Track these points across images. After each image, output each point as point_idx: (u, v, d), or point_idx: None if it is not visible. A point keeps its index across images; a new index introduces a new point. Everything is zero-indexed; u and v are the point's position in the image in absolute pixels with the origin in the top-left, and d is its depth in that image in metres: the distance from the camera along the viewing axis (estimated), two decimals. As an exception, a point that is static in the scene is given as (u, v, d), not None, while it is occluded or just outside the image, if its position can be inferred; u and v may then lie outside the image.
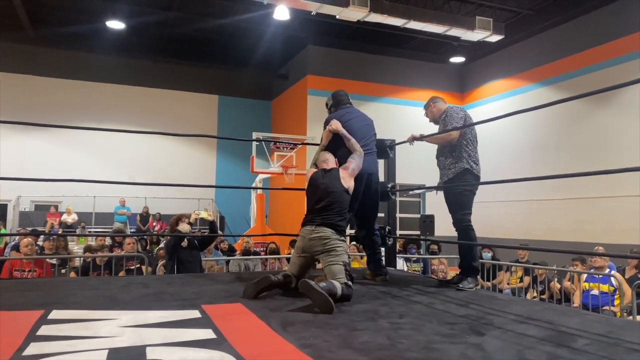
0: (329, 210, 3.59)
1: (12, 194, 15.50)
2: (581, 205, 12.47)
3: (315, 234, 3.51)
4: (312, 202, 3.71)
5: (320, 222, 3.54)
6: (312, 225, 3.56)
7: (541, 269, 7.30)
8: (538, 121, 13.71)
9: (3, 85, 16.04)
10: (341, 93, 4.41)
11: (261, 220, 13.24)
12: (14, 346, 2.09)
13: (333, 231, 3.51)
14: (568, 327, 2.66)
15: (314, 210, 3.66)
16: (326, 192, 3.67)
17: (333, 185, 3.70)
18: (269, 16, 12.97)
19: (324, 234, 3.49)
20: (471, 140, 4.12)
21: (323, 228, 3.51)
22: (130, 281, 4.15)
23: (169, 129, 16.79)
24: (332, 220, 3.55)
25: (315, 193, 3.73)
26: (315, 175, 3.84)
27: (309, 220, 3.62)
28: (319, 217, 3.58)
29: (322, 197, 3.66)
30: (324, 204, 3.62)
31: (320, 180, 3.77)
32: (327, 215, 3.57)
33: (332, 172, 3.81)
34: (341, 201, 3.66)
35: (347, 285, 3.27)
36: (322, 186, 3.71)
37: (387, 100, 16.32)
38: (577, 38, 13.07)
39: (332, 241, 3.47)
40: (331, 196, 3.64)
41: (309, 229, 3.57)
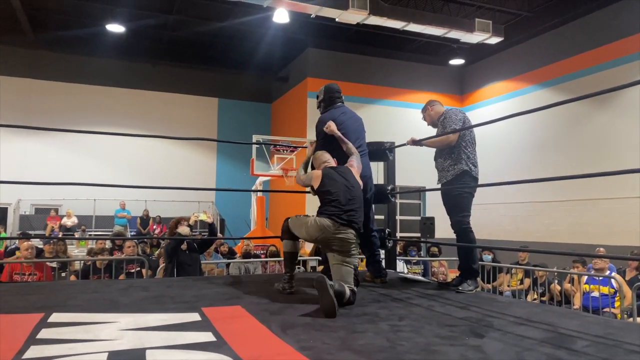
0: (354, 208, 3.49)
1: (13, 197, 15.50)
2: (581, 207, 12.47)
3: (341, 234, 3.40)
4: (335, 197, 3.49)
5: (347, 221, 3.42)
6: (337, 221, 3.40)
7: (541, 271, 7.30)
8: (538, 123, 13.72)
9: (3, 88, 16.07)
10: (335, 88, 4.33)
11: (261, 222, 13.23)
12: (14, 349, 2.10)
13: (355, 233, 3.46)
14: (567, 329, 2.67)
15: (339, 205, 3.46)
16: (349, 188, 3.55)
17: (354, 182, 3.63)
18: (269, 19, 12.99)
19: (346, 235, 3.41)
20: (470, 142, 4.12)
21: (348, 230, 3.42)
22: (130, 284, 4.16)
23: (169, 131, 16.83)
24: (357, 221, 3.48)
25: (338, 187, 3.53)
26: (329, 172, 3.67)
27: (334, 214, 3.42)
28: (345, 214, 3.43)
29: (345, 193, 3.51)
30: (348, 199, 3.49)
31: (338, 176, 3.62)
32: (352, 215, 3.46)
33: (342, 169, 3.72)
34: (362, 199, 3.61)
35: (353, 292, 3.26)
36: (343, 181, 3.58)
37: (387, 102, 16.34)
38: (576, 40, 13.09)
39: (351, 245, 3.43)
40: (354, 193, 3.55)
41: (331, 224, 3.39)
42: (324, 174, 3.66)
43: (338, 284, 3.11)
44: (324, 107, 4.33)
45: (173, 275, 5.66)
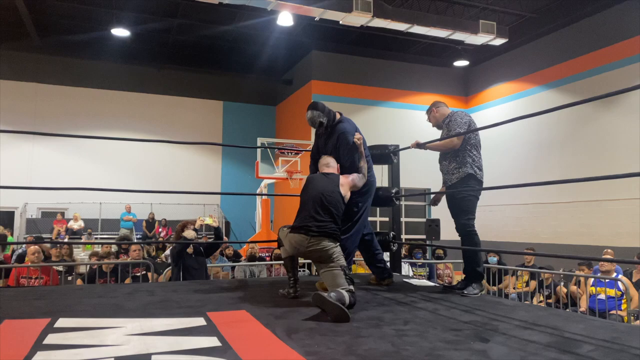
0: (322, 217, 3.44)
1: (19, 201, 15.61)
2: (587, 208, 12.42)
3: (312, 247, 3.38)
4: (307, 205, 3.54)
5: (317, 232, 3.39)
6: (307, 234, 3.40)
7: (547, 273, 7.27)
8: (543, 124, 13.67)
9: (10, 93, 16.19)
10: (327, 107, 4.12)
11: (266, 225, 13.26)
12: (21, 355, 2.12)
13: (329, 240, 3.40)
14: (573, 332, 2.66)
15: (306, 213, 3.49)
16: (321, 196, 3.53)
17: (330, 190, 3.58)
18: (273, 22, 13.03)
19: (319, 245, 3.37)
20: (475, 145, 4.11)
21: (319, 239, 3.38)
22: (136, 289, 4.17)
23: (174, 135, 16.89)
24: (327, 229, 3.42)
25: (311, 195, 3.58)
26: (312, 177, 3.78)
27: (303, 226, 3.43)
28: (314, 226, 3.41)
29: (316, 201, 3.51)
30: (317, 210, 3.47)
31: (317, 183, 3.66)
32: (323, 224, 3.42)
33: (331, 176, 3.74)
34: (337, 206, 3.54)
35: (351, 292, 3.24)
36: (319, 188, 3.59)
37: (391, 104, 16.33)
38: (581, 41, 13.04)
39: (329, 250, 3.38)
40: (326, 200, 3.51)
41: (302, 239, 3.40)
42: (307, 180, 3.76)
43: (334, 292, 3.09)
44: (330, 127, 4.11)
45: (179, 279, 5.67)
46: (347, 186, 3.72)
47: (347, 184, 3.73)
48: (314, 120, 4.03)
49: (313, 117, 4.02)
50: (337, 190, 3.61)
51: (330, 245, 3.39)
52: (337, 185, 3.64)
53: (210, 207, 17.20)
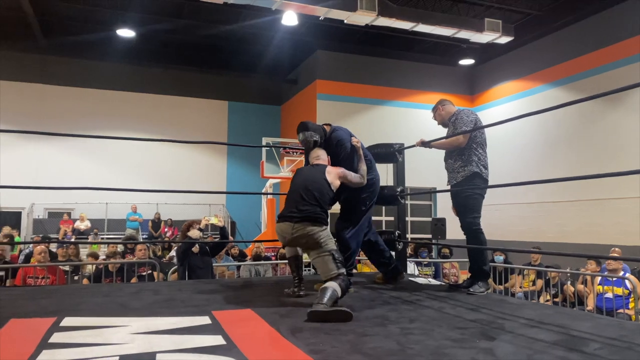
0: (307, 202, 3.45)
1: (26, 201, 15.68)
2: (593, 207, 12.34)
3: (297, 233, 3.38)
4: (291, 192, 3.60)
5: (299, 218, 3.39)
6: (291, 222, 3.41)
7: (554, 271, 7.23)
8: (549, 122, 13.60)
9: (16, 94, 16.27)
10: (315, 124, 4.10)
11: (272, 225, 13.25)
12: (27, 354, 2.12)
13: (313, 224, 3.38)
14: (580, 331, 2.64)
15: (292, 201, 3.53)
16: (305, 183, 3.57)
17: (314, 177, 3.62)
18: (278, 22, 13.02)
19: (304, 231, 3.36)
20: (481, 143, 4.09)
21: (303, 224, 3.37)
22: (141, 288, 4.18)
23: (179, 135, 16.91)
24: (311, 213, 3.40)
25: (296, 183, 3.65)
26: (300, 169, 3.84)
27: (288, 215, 3.46)
28: (297, 212, 3.42)
29: (300, 189, 3.55)
30: (302, 195, 3.49)
31: (304, 173, 3.74)
32: (306, 209, 3.42)
33: (319, 167, 3.76)
34: (321, 191, 3.52)
35: (342, 278, 3.21)
36: (303, 176, 3.67)
37: (397, 103, 16.29)
38: (587, 38, 12.96)
39: (314, 235, 3.35)
40: (310, 186, 3.53)
41: (287, 227, 3.42)
42: (294, 174, 3.80)
43: (325, 293, 2.99)
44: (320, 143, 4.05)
45: (184, 278, 5.69)
46: (335, 174, 3.68)
47: (335, 172, 3.71)
48: (308, 141, 3.96)
49: (306, 138, 3.95)
50: (323, 178, 3.60)
51: (315, 230, 3.37)
52: (323, 173, 3.64)
53: (215, 207, 17.21)
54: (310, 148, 3.99)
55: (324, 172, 3.64)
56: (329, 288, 3.06)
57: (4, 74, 16.12)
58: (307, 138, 3.95)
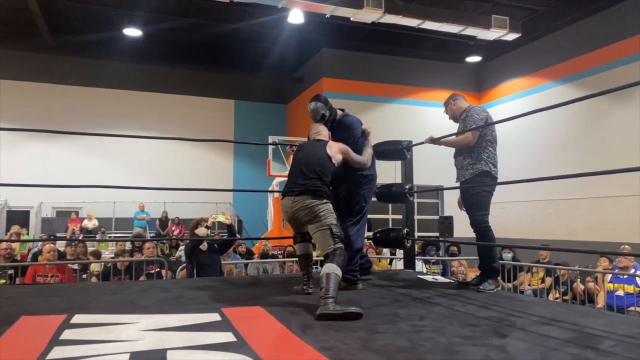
0: (306, 176, 3.46)
1: (35, 200, 15.77)
2: (602, 204, 12.25)
3: (297, 205, 3.41)
4: (292, 169, 3.63)
5: (299, 191, 3.43)
6: (291, 196, 3.46)
7: (563, 269, 7.18)
8: (556, 120, 13.52)
9: (24, 93, 16.37)
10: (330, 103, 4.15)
11: (278, 223, 13.25)
12: (38, 350, 2.12)
13: (313, 197, 3.39)
14: (593, 328, 2.61)
15: (292, 178, 3.57)
16: (306, 159, 3.58)
17: (315, 152, 3.61)
18: (284, 20, 13.01)
19: (304, 203, 3.38)
20: (491, 141, 4.05)
21: (303, 197, 3.40)
22: (150, 285, 4.19)
23: (186, 134, 16.92)
24: (311, 186, 3.42)
25: (296, 160, 3.67)
26: (301, 145, 3.83)
27: (288, 190, 3.52)
28: (297, 186, 3.46)
29: (300, 163, 3.57)
30: (302, 170, 3.51)
31: (303, 148, 3.74)
32: (305, 182, 3.44)
33: (320, 142, 3.74)
34: (322, 164, 3.52)
35: (339, 253, 3.22)
36: (304, 152, 3.67)
37: (404, 101, 16.24)
38: (596, 35, 12.86)
39: (314, 208, 3.37)
40: (310, 161, 3.54)
41: (288, 202, 3.48)
42: (295, 151, 3.80)
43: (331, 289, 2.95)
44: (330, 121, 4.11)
45: (192, 276, 5.69)
46: (337, 148, 3.66)
47: (337, 146, 3.68)
48: (317, 112, 4.00)
49: (317, 108, 3.99)
50: (324, 152, 3.59)
51: (314, 202, 3.38)
52: (324, 148, 3.62)
53: (222, 205, 17.24)
54: (317, 120, 4.01)
55: (325, 147, 3.62)
56: (331, 276, 3.02)
57: (12, 73, 16.22)
58: (317, 109, 3.99)
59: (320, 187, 3.43)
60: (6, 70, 16.08)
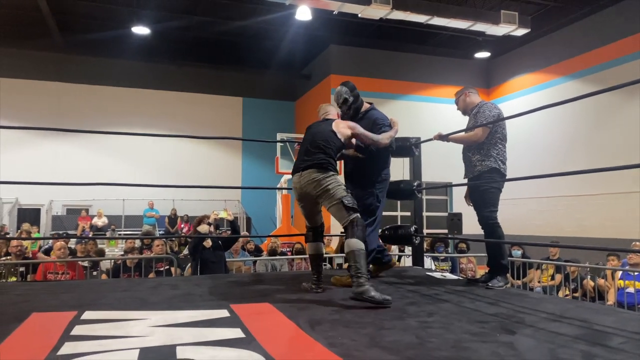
0: (311, 152, 3.56)
1: (45, 198, 15.92)
2: (613, 201, 12.15)
3: (304, 180, 3.48)
4: (299, 150, 3.75)
5: (305, 165, 3.52)
6: (298, 172, 3.55)
7: (573, 266, 7.13)
8: (567, 115, 13.41)
9: (34, 92, 16.50)
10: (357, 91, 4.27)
11: (287, 220, 13.27)
12: (49, 346, 2.15)
13: (319, 170, 3.45)
14: (603, 325, 2.60)
15: (299, 156, 3.68)
16: (312, 137, 3.66)
17: (320, 129, 3.70)
18: (291, 17, 13.00)
19: (310, 177, 3.45)
20: (501, 139, 4.02)
21: (308, 171, 3.47)
22: (159, 282, 4.21)
23: (195, 131, 17.00)
24: (316, 160, 3.49)
25: (303, 140, 3.78)
26: (308, 126, 3.89)
27: (295, 168, 3.62)
28: (303, 162, 3.55)
29: (307, 143, 3.67)
30: (307, 147, 3.62)
31: (310, 129, 3.80)
32: (310, 158, 3.53)
33: (327, 120, 3.82)
34: (326, 139, 3.59)
35: (356, 222, 3.30)
36: (311, 132, 3.74)
37: (412, 97, 16.19)
38: (606, 29, 12.73)
39: (321, 182, 3.43)
40: (315, 137, 3.63)
41: (297, 178, 3.57)
42: (305, 133, 3.85)
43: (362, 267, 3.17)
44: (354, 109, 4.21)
45: (197, 273, 5.70)
46: (344, 125, 3.72)
47: (345, 123, 3.75)
48: (340, 95, 4.17)
49: (340, 91, 4.17)
50: (329, 129, 3.67)
51: (320, 176, 3.44)
52: (330, 125, 3.70)
53: (231, 202, 17.28)
54: (339, 103, 4.18)
55: (331, 125, 3.70)
56: (356, 253, 3.19)
57: (22, 72, 16.36)
58: (341, 92, 4.18)
59: (325, 160, 3.50)
60: (16, 69, 16.22)
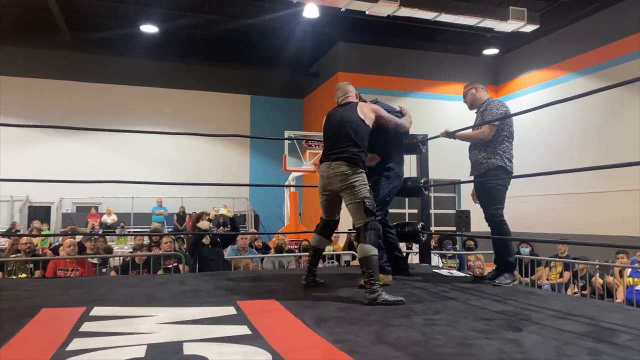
0: (342, 141, 3.45)
1: (55, 196, 16.07)
2: (623, 198, 12.05)
3: (332, 171, 3.42)
4: (326, 137, 3.64)
5: (335, 157, 3.43)
6: (328, 161, 3.47)
7: (582, 263, 7.09)
8: (577, 112, 13.31)
9: (44, 91, 16.64)
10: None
11: (295, 218, 13.30)
12: (58, 342, 2.18)
13: (348, 165, 3.38)
14: (610, 322, 2.59)
15: (328, 145, 3.57)
16: (338, 123, 3.55)
17: (346, 116, 3.56)
18: (299, 14, 13.00)
19: (339, 170, 3.39)
20: (507, 136, 4.00)
21: (338, 163, 3.40)
22: (167, 279, 4.25)
23: (203, 129, 17.08)
24: (347, 153, 3.41)
25: (329, 127, 3.64)
26: (330, 113, 3.77)
27: (325, 157, 3.53)
28: (333, 152, 3.46)
29: (333, 129, 3.57)
30: (336, 135, 3.51)
31: (334, 116, 3.68)
32: (341, 148, 3.44)
33: (350, 105, 3.69)
34: (356, 129, 3.49)
35: (370, 226, 3.27)
36: (336, 117, 3.62)
37: (420, 95, 16.14)
38: (616, 25, 12.61)
39: (348, 177, 3.37)
40: (344, 126, 3.51)
41: (325, 167, 3.49)
42: (325, 119, 3.74)
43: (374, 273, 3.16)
44: None
45: (195, 270, 5.72)
46: (369, 109, 3.65)
47: (369, 107, 3.67)
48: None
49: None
50: (356, 116, 3.55)
51: (349, 172, 3.37)
52: (355, 111, 3.57)
53: (239, 200, 17.36)
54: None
55: (356, 110, 3.58)
56: (369, 259, 3.19)
57: (32, 71, 16.51)
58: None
59: (357, 155, 3.42)
60: (26, 68, 16.38)
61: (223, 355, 2.04)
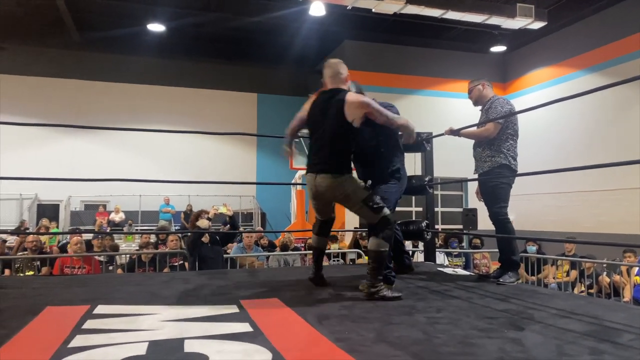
0: (326, 147, 3.23)
1: (63, 194, 16.18)
2: (632, 196, 11.94)
3: (320, 188, 3.24)
4: (310, 130, 3.41)
5: (319, 168, 3.24)
6: (313, 173, 3.28)
7: (588, 262, 7.05)
8: (585, 110, 13.20)
9: (53, 89, 16.76)
10: None
11: (301, 216, 13.32)
12: (61, 338, 2.20)
13: (334, 176, 3.20)
14: (613, 322, 2.57)
15: (312, 146, 3.35)
16: (322, 122, 3.27)
17: (331, 114, 3.22)
18: (305, 12, 12.99)
19: (326, 184, 3.21)
20: (512, 134, 3.99)
21: (323, 177, 3.21)
22: (172, 277, 4.27)
23: (210, 127, 17.11)
24: (331, 162, 3.21)
25: (314, 121, 3.37)
26: (313, 102, 3.40)
27: (309, 165, 3.35)
28: (317, 160, 3.27)
29: (314, 131, 3.35)
30: (321, 139, 3.27)
31: (316, 108, 3.35)
32: (322, 157, 3.24)
33: (337, 98, 3.24)
34: (340, 133, 3.20)
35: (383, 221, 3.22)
36: (317, 115, 3.32)
37: (427, 92, 16.08)
38: (624, 21, 12.49)
39: (338, 189, 3.22)
40: (326, 127, 3.24)
41: (311, 179, 3.29)
42: (310, 106, 3.43)
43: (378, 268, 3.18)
44: None
45: (195, 269, 5.73)
46: (358, 103, 3.21)
47: (358, 101, 3.22)
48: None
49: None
50: (341, 119, 3.19)
51: (335, 183, 3.21)
52: (341, 108, 3.19)
53: (246, 198, 17.41)
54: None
55: (342, 107, 3.18)
56: (377, 253, 3.18)
57: (40, 70, 16.62)
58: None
59: (340, 162, 3.23)
60: (34, 67, 16.49)
61: (224, 353, 2.05)
